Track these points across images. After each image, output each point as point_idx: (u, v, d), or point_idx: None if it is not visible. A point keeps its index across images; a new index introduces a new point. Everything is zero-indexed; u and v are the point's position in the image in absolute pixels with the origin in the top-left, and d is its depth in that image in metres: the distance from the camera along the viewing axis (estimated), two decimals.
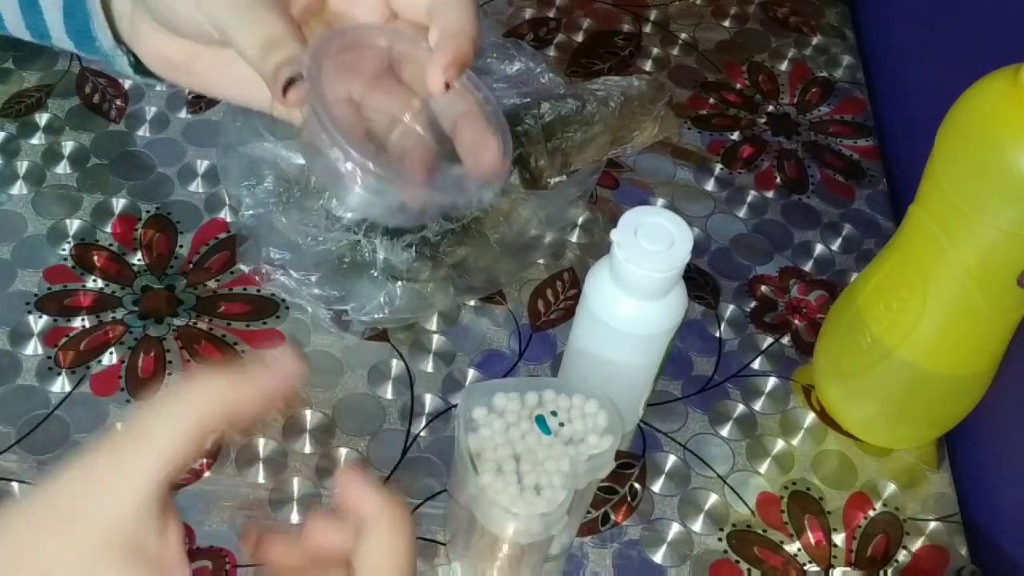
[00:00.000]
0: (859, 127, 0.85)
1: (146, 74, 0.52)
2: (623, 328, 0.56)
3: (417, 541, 0.38)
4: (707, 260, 0.75)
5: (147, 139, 0.76)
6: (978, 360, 0.61)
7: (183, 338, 0.66)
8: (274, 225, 0.66)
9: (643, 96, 0.75)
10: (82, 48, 0.52)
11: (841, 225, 0.78)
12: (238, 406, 0.37)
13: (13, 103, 0.77)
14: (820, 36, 0.91)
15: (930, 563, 0.62)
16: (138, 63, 0.51)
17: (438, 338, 0.68)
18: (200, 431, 0.37)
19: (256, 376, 0.38)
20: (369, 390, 0.66)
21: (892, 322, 0.60)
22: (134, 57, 0.51)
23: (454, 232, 0.66)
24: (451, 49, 0.44)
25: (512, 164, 0.68)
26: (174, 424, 0.36)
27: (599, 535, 0.61)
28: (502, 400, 0.51)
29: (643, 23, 0.90)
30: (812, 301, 0.73)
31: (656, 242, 0.54)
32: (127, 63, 0.52)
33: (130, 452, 0.36)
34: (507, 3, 0.90)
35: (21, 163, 0.74)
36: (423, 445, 0.64)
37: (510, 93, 0.72)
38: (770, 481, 0.65)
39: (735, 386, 0.69)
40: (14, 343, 0.65)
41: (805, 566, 0.61)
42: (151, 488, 0.36)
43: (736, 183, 0.79)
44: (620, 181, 0.78)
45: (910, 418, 0.65)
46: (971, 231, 0.54)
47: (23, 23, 0.52)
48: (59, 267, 0.69)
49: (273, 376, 0.39)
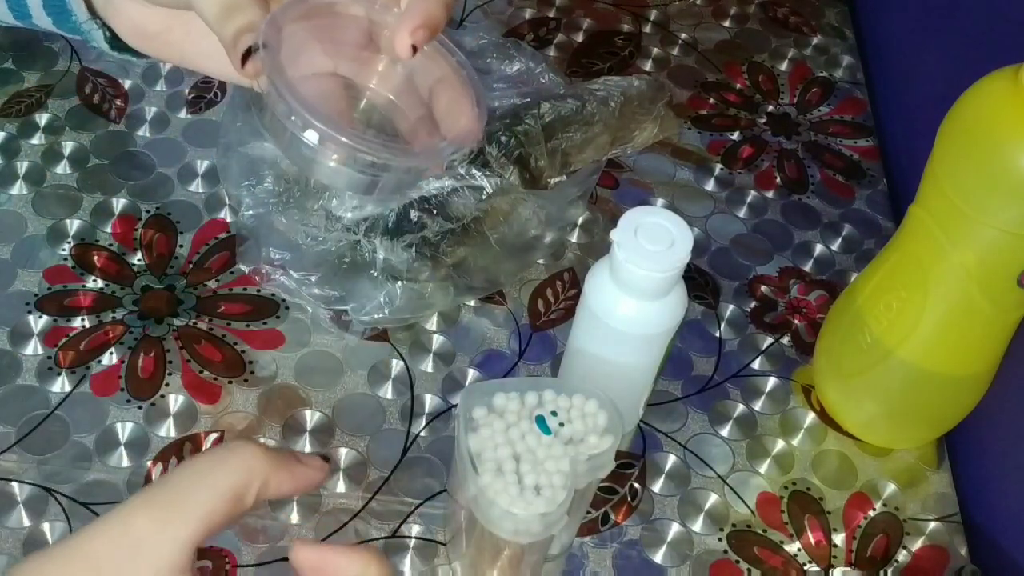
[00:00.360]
0: (859, 127, 0.85)
1: (123, 49, 0.52)
2: (623, 328, 0.56)
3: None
4: (707, 260, 0.75)
5: (147, 139, 0.76)
6: (978, 360, 0.61)
7: (183, 338, 0.66)
8: (274, 225, 0.66)
9: (643, 96, 0.75)
10: (59, 25, 0.52)
11: (841, 225, 0.78)
12: (270, 483, 0.38)
13: (13, 103, 0.77)
14: (820, 36, 0.91)
15: (930, 563, 0.62)
16: (114, 38, 0.51)
17: (438, 338, 0.68)
18: (236, 499, 0.37)
19: (290, 463, 0.39)
20: (369, 390, 0.66)
21: (892, 322, 0.60)
22: (110, 32, 0.51)
23: (454, 232, 0.66)
24: (420, 12, 0.43)
25: (512, 164, 0.68)
26: (213, 490, 0.37)
27: (599, 535, 0.61)
28: (502, 400, 0.51)
29: (643, 23, 0.90)
30: (812, 301, 0.73)
31: (656, 242, 0.54)
32: (103, 37, 0.52)
33: (169, 513, 0.36)
34: (507, 3, 0.90)
35: (21, 163, 0.74)
36: (423, 445, 0.64)
37: (510, 93, 0.72)
38: (770, 481, 0.65)
39: (735, 386, 0.69)
40: (14, 343, 0.65)
41: (805, 566, 0.61)
42: (185, 552, 0.36)
43: (736, 183, 0.79)
44: (620, 181, 0.78)
45: (910, 418, 0.65)
46: (971, 231, 0.54)
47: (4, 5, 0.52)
48: (59, 267, 0.69)
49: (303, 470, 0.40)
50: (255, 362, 0.66)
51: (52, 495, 0.59)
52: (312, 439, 0.63)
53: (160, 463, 0.61)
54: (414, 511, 0.61)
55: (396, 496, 0.61)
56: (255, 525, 0.59)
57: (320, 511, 0.60)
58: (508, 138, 0.69)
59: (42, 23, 0.53)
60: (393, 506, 0.61)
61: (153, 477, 0.60)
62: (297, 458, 0.40)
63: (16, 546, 0.57)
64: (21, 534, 0.58)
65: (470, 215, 0.66)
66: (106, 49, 0.52)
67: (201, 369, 0.65)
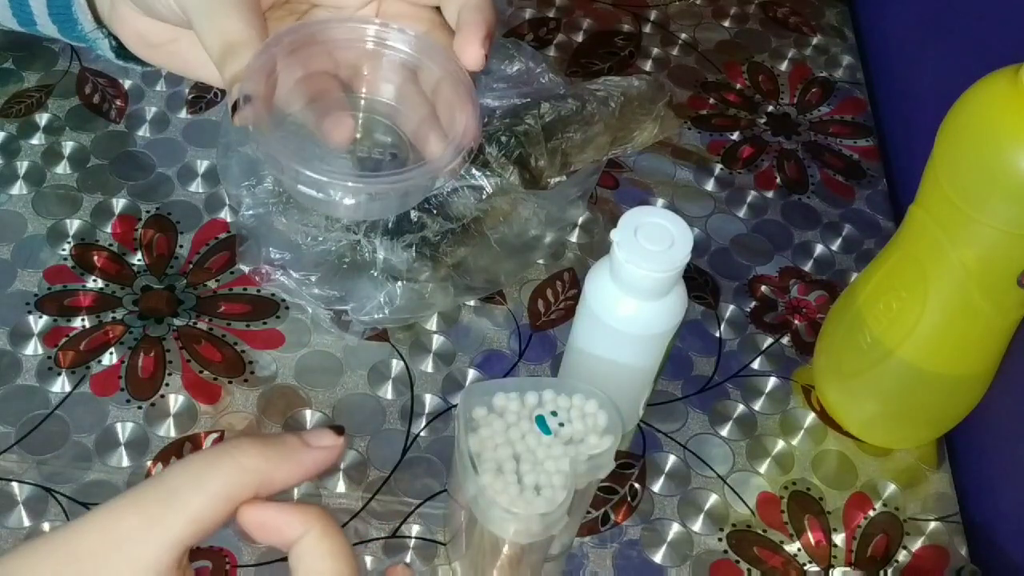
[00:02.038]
0: (859, 127, 0.85)
1: (128, 58, 0.52)
2: (623, 328, 0.56)
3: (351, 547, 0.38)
4: (707, 260, 0.75)
5: (147, 139, 0.76)
6: (978, 360, 0.61)
7: (183, 338, 0.66)
8: (274, 225, 0.66)
9: (643, 96, 0.75)
10: (65, 33, 0.52)
11: (841, 225, 0.78)
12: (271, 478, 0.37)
13: (13, 103, 0.77)
14: (820, 36, 0.91)
15: (930, 563, 0.62)
16: (120, 46, 0.51)
17: (438, 338, 0.68)
18: (229, 501, 0.36)
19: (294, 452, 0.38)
20: (369, 390, 0.66)
21: (892, 322, 0.60)
22: (116, 40, 0.51)
23: (454, 232, 0.66)
24: (483, 22, 0.44)
25: (512, 164, 0.68)
26: (205, 490, 0.36)
27: (599, 535, 0.61)
28: (502, 400, 0.51)
29: (643, 23, 0.90)
30: (812, 301, 0.73)
31: (656, 242, 0.54)
32: (108, 46, 0.52)
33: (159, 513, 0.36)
34: (507, 3, 0.90)
35: (21, 163, 0.74)
36: (423, 445, 0.64)
37: (510, 93, 0.72)
38: (770, 481, 0.65)
39: (735, 386, 0.69)
40: (14, 343, 0.65)
41: (805, 566, 0.61)
42: (174, 553, 0.36)
43: (736, 183, 0.79)
44: (620, 181, 0.78)
45: (910, 418, 0.65)
46: (971, 231, 0.54)
47: (9, 11, 0.52)
48: (59, 267, 0.69)
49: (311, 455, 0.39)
50: (255, 362, 0.66)
51: (52, 495, 0.59)
52: None
53: (160, 463, 0.61)
54: (414, 511, 0.61)
55: (396, 496, 0.61)
56: None
57: None
58: (508, 138, 0.69)
59: (47, 30, 0.53)
60: (393, 506, 0.61)
61: None
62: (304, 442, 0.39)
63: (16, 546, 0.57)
64: (21, 534, 0.58)
65: (470, 215, 0.66)
66: (112, 58, 0.53)
67: (201, 369, 0.65)
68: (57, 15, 0.51)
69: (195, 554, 0.57)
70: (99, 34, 0.51)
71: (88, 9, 0.50)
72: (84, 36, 0.52)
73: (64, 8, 0.51)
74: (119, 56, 0.52)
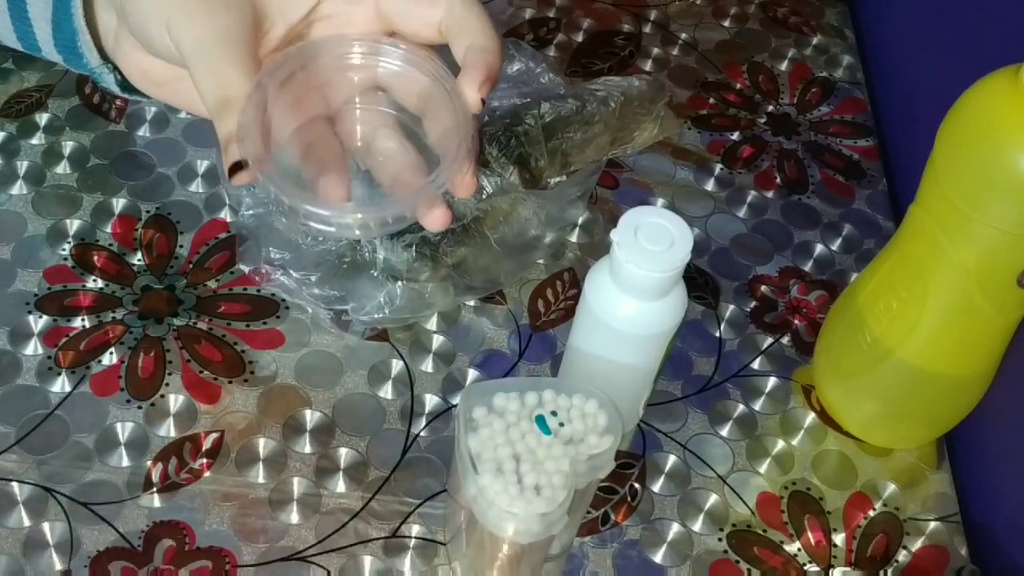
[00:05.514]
0: (859, 127, 0.85)
1: (133, 91, 0.52)
2: (623, 328, 0.56)
3: None
4: (707, 260, 0.75)
5: (147, 139, 0.76)
6: (978, 360, 0.61)
7: (183, 338, 0.66)
8: (274, 225, 0.66)
9: (643, 96, 0.75)
10: (70, 63, 0.52)
11: (841, 225, 0.78)
12: None
13: (13, 103, 0.77)
14: (820, 36, 0.91)
15: (930, 563, 0.62)
16: (125, 80, 0.52)
17: (438, 338, 0.68)
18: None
19: None
20: (369, 390, 0.66)
21: (892, 322, 0.60)
22: (120, 75, 0.51)
23: (454, 232, 0.66)
24: (484, 65, 0.45)
25: (512, 164, 0.68)
26: None
27: (599, 535, 0.61)
28: (502, 400, 0.51)
29: (643, 23, 0.90)
30: (812, 301, 0.73)
31: (656, 242, 0.54)
32: (114, 80, 0.52)
33: None
34: (507, 3, 0.90)
35: (21, 163, 0.74)
36: (423, 445, 0.64)
37: (510, 93, 0.72)
38: (770, 481, 0.65)
39: (735, 386, 0.69)
40: (14, 343, 0.65)
41: (805, 566, 0.61)
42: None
43: (736, 183, 0.79)
44: (620, 181, 0.78)
45: (910, 418, 0.65)
46: (971, 231, 0.54)
47: (14, 35, 0.52)
48: (59, 267, 0.69)
49: None
50: (255, 362, 0.66)
51: (52, 495, 0.59)
52: (312, 439, 0.63)
53: (160, 463, 0.61)
54: (414, 511, 0.61)
55: (396, 496, 0.61)
56: (255, 525, 0.59)
57: (320, 511, 0.60)
58: (508, 138, 0.69)
59: (52, 58, 0.53)
60: (393, 506, 0.61)
61: (153, 477, 0.60)
62: None
63: (16, 546, 0.57)
64: (21, 534, 0.58)
65: (470, 215, 0.66)
66: (117, 91, 0.53)
67: (201, 369, 0.65)
68: (63, 47, 0.51)
69: (195, 554, 0.57)
70: (104, 68, 0.51)
71: (94, 45, 0.50)
72: (90, 68, 0.52)
73: (70, 42, 0.51)
74: (124, 89, 0.52)
